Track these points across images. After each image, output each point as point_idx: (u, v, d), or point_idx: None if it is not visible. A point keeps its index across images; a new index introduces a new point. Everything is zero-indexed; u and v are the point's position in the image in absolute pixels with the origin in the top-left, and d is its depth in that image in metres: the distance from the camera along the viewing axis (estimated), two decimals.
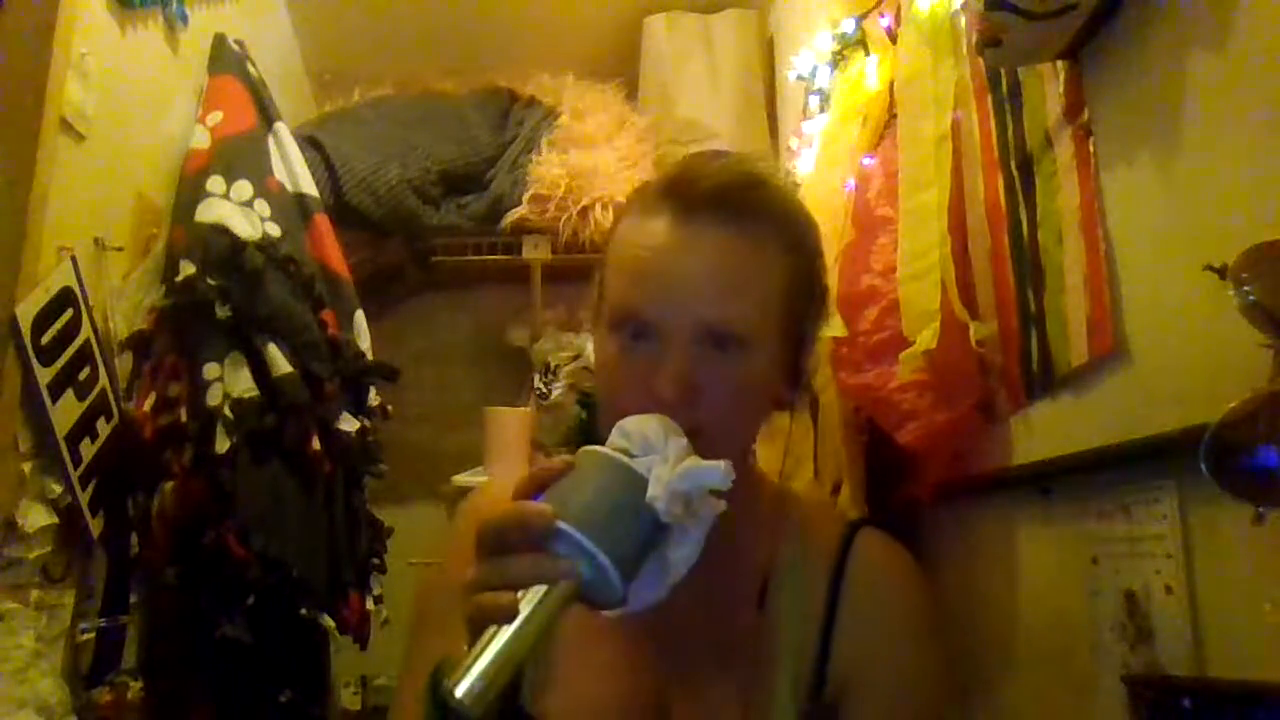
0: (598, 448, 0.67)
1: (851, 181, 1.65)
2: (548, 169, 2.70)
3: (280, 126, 2.24)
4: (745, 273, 0.78)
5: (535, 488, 0.66)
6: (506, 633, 0.58)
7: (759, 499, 0.90)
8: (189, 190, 1.96)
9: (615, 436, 0.69)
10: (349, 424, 2.05)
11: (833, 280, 1.50)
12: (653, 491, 0.63)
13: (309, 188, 2.26)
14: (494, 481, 0.99)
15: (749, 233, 0.79)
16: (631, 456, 0.66)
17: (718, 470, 0.65)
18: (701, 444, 0.70)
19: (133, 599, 1.72)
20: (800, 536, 0.89)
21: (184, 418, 1.78)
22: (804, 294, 0.83)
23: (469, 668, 0.58)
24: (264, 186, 2.06)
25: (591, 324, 0.90)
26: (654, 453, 0.66)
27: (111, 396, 1.66)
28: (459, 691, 0.56)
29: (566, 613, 0.62)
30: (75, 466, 1.54)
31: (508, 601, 0.59)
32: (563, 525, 0.61)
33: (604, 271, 0.84)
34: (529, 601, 0.60)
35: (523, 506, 0.64)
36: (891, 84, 1.59)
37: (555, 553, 0.62)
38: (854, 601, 0.86)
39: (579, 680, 0.83)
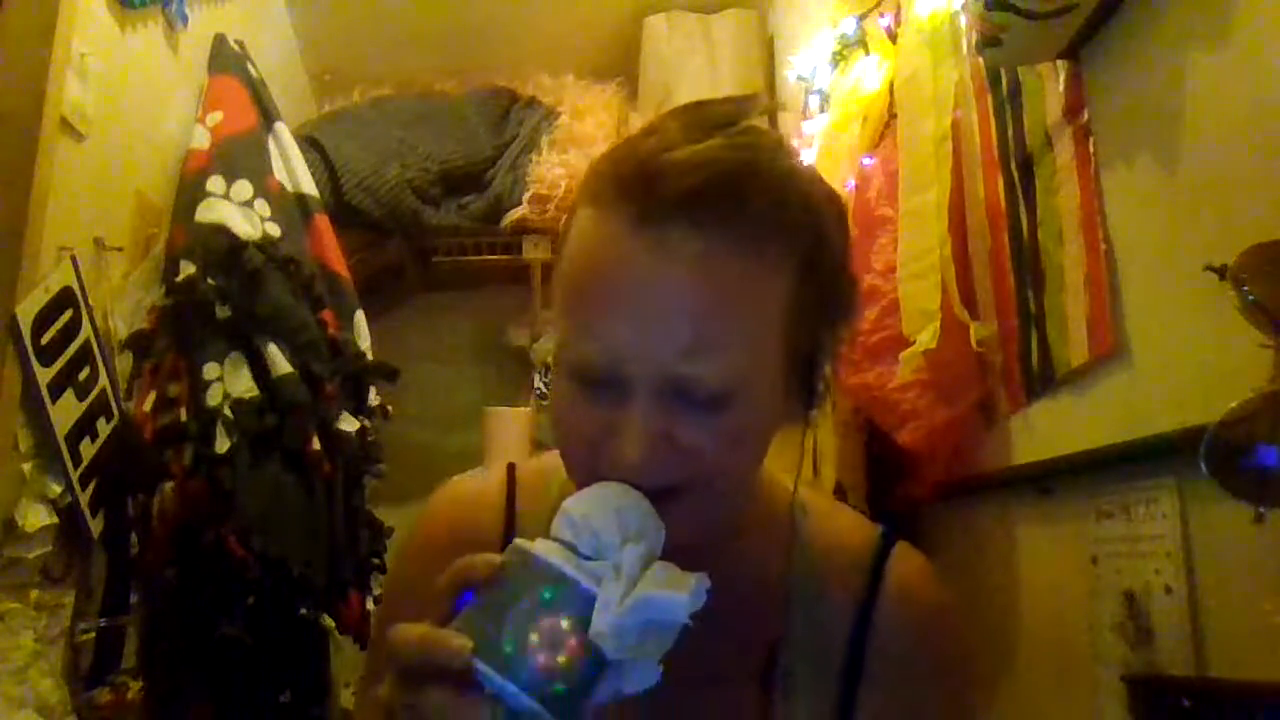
0: (532, 549, 0.53)
1: (851, 181, 1.66)
2: (548, 169, 2.71)
3: (280, 126, 2.24)
4: (729, 303, 0.59)
5: (461, 585, 0.54)
6: None
7: (768, 530, 0.73)
8: (189, 190, 1.96)
9: (561, 526, 0.55)
10: (349, 424, 2.05)
11: None
12: (597, 625, 0.51)
13: (309, 188, 2.26)
14: (461, 481, 0.82)
15: (734, 243, 0.59)
16: (580, 556, 0.53)
17: (683, 602, 0.52)
18: (689, 502, 0.59)
19: (133, 599, 1.72)
20: (817, 565, 0.73)
21: (184, 418, 1.78)
22: (819, 295, 0.64)
23: None
24: (264, 186, 2.05)
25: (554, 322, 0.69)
26: (606, 554, 0.53)
27: (111, 396, 1.66)
28: None
29: None
30: (75, 466, 1.54)
31: None
32: (480, 665, 0.50)
33: (556, 277, 0.66)
34: None
35: (435, 637, 0.52)
36: (891, 84, 1.59)
37: (473, 695, 0.51)
38: (885, 656, 0.70)
39: None
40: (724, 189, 0.59)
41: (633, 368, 0.59)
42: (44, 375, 1.49)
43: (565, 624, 0.51)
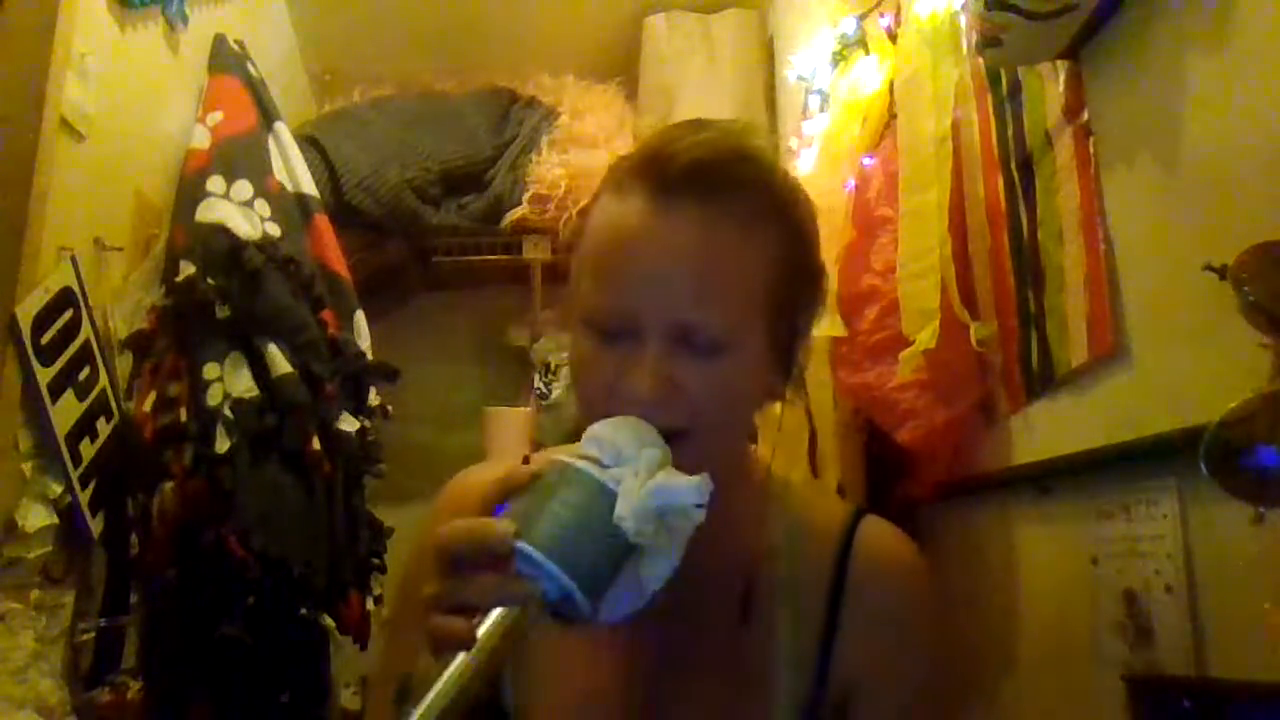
0: (565, 457, 0.63)
1: (851, 181, 1.66)
2: (548, 169, 2.70)
3: (280, 126, 2.24)
4: (726, 264, 0.70)
5: (500, 497, 0.62)
6: (461, 662, 0.56)
7: (751, 491, 0.83)
8: (189, 190, 1.96)
9: (586, 443, 0.64)
10: (349, 424, 2.05)
11: (833, 280, 1.50)
12: (620, 510, 0.59)
13: (309, 188, 2.26)
14: (473, 470, 0.92)
15: (730, 216, 0.70)
16: (603, 466, 0.62)
17: (694, 486, 0.61)
18: (688, 446, 0.67)
19: (133, 599, 1.72)
20: (795, 529, 0.83)
21: (184, 418, 1.78)
22: (795, 278, 0.75)
23: (424, 701, 0.55)
24: (264, 186, 2.05)
25: (564, 315, 0.85)
26: (626, 463, 0.62)
27: (111, 396, 1.66)
28: None
29: (534, 629, 0.59)
30: (75, 466, 1.54)
31: (464, 629, 0.56)
32: (523, 546, 0.58)
33: (577, 257, 0.77)
34: (488, 626, 0.57)
35: (482, 524, 0.60)
36: (891, 84, 1.59)
37: (517, 572, 0.58)
38: (858, 604, 0.79)
39: (563, 682, 0.79)
40: (721, 167, 0.71)
41: (646, 314, 0.69)
42: (44, 375, 1.49)
43: (595, 515, 0.59)
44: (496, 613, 0.57)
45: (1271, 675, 0.78)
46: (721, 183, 0.71)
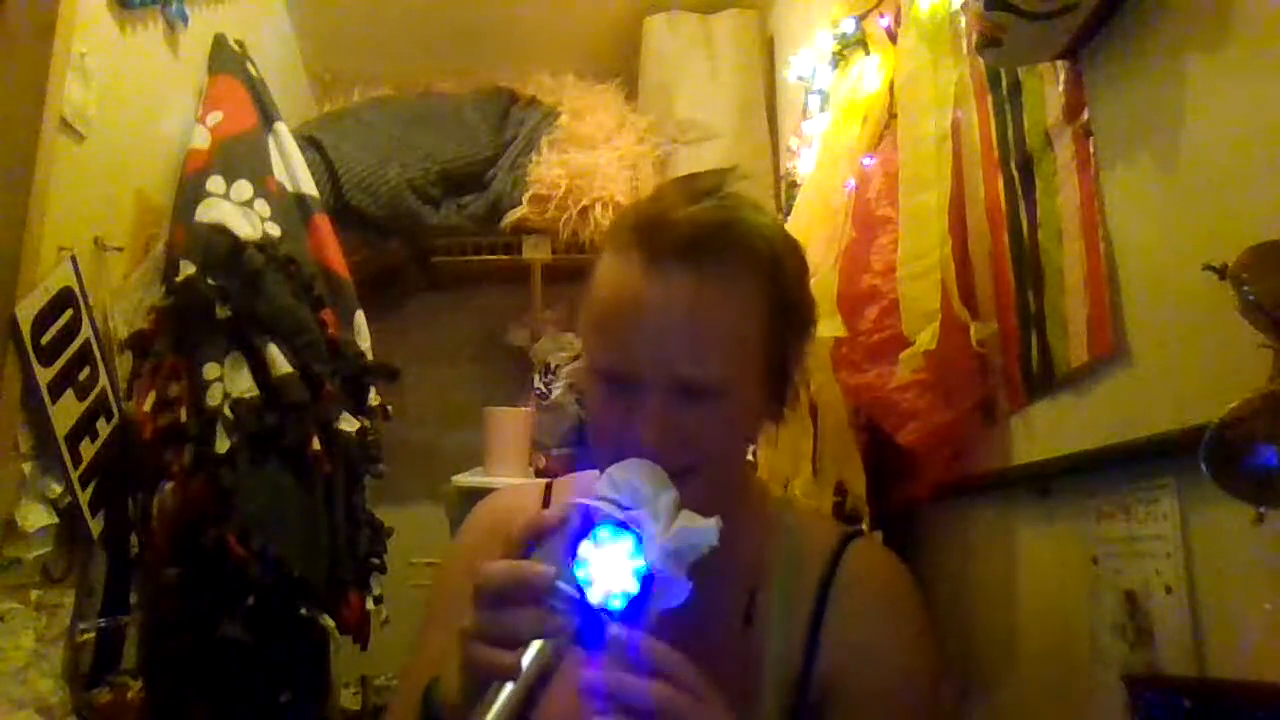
0: (588, 501, 0.70)
1: (851, 181, 1.65)
2: (548, 169, 2.70)
3: (280, 126, 2.24)
4: (718, 322, 0.78)
5: (535, 536, 0.69)
6: (509, 690, 0.63)
7: (753, 511, 0.91)
8: (189, 190, 1.96)
9: (604, 486, 0.71)
10: (349, 424, 2.05)
11: (833, 280, 1.50)
12: (649, 555, 0.67)
13: (309, 188, 2.26)
14: (499, 497, 1.02)
15: (721, 279, 0.78)
16: (623, 509, 0.69)
17: (711, 531, 0.69)
18: (695, 480, 0.74)
19: (133, 599, 1.72)
20: (792, 547, 0.90)
21: (184, 418, 1.78)
22: (785, 320, 0.83)
23: None
24: (264, 186, 2.05)
25: (582, 341, 0.93)
26: (643, 505, 0.69)
27: (111, 396, 1.66)
28: None
29: (561, 660, 0.66)
30: (75, 466, 1.54)
31: (510, 660, 0.63)
32: (561, 585, 0.66)
33: (585, 305, 0.85)
34: (530, 656, 0.64)
35: (521, 567, 0.67)
36: (891, 84, 1.59)
37: (552, 608, 0.66)
38: (841, 606, 0.87)
39: (565, 689, 0.82)
40: (711, 239, 0.79)
41: (645, 372, 0.77)
42: (44, 375, 1.49)
43: (619, 554, 0.67)
44: (536, 644, 0.65)
45: (1271, 675, 0.78)
46: (712, 248, 0.78)
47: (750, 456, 0.98)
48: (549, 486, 0.99)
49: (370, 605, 2.10)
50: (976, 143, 1.39)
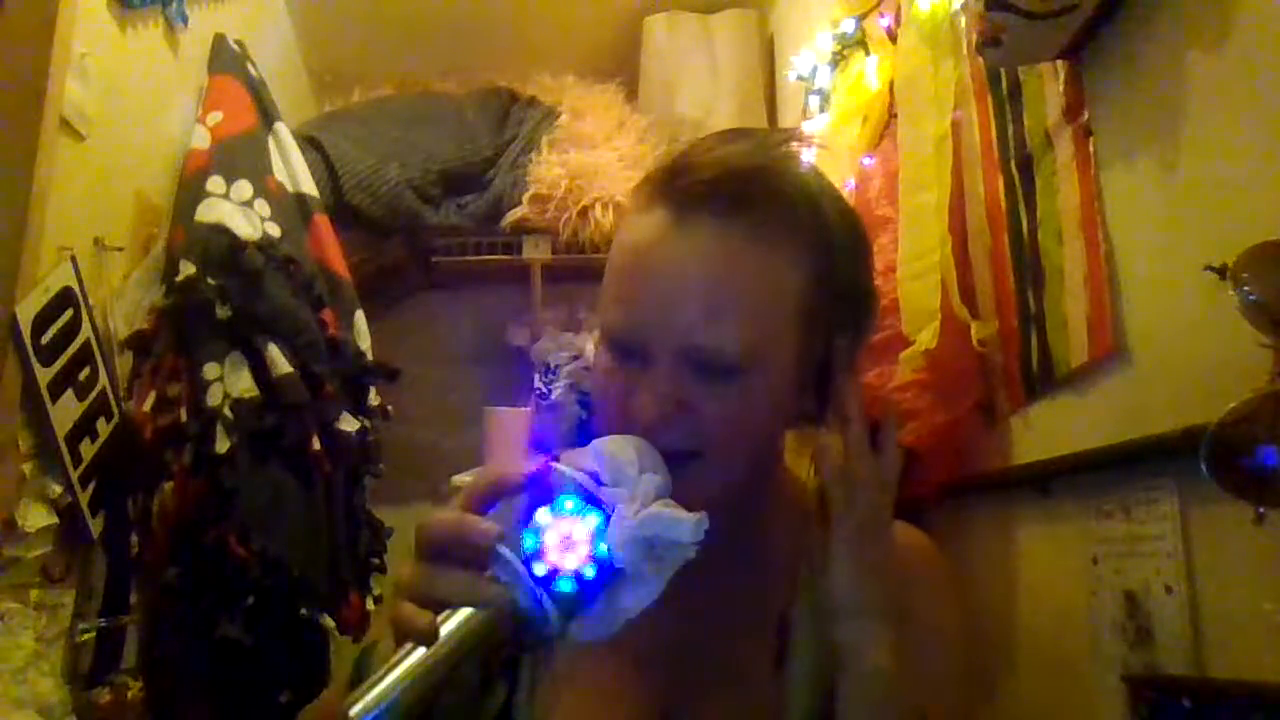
0: (564, 468, 0.60)
1: (851, 181, 1.65)
2: (548, 169, 2.70)
3: (280, 126, 2.24)
4: (745, 283, 0.66)
5: (493, 496, 0.59)
6: (416, 657, 0.53)
7: (784, 517, 0.79)
8: (189, 190, 1.96)
9: (589, 457, 0.62)
10: (349, 424, 2.05)
11: None
12: (610, 535, 0.57)
13: (309, 188, 2.26)
14: (493, 467, 0.90)
15: (752, 233, 0.66)
16: (598, 484, 0.59)
17: (689, 524, 0.58)
18: (699, 468, 0.65)
19: (133, 599, 1.72)
20: None
21: (184, 418, 1.78)
22: (832, 296, 0.70)
23: (371, 688, 0.53)
24: (264, 186, 2.05)
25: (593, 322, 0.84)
26: (624, 484, 0.59)
27: (111, 396, 1.66)
28: (353, 712, 0.52)
29: (494, 639, 0.56)
30: (75, 466, 1.54)
31: (426, 624, 0.54)
32: (503, 550, 0.55)
33: (607, 265, 0.75)
34: (451, 625, 0.54)
35: (465, 519, 0.57)
36: (891, 84, 1.59)
37: (491, 576, 0.55)
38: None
39: (581, 700, 0.75)
40: (745, 181, 0.67)
41: (655, 336, 0.67)
42: (44, 375, 1.49)
43: (580, 531, 0.57)
44: (463, 613, 0.55)
45: (1271, 675, 0.78)
46: (743, 198, 0.67)
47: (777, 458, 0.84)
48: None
49: (370, 605, 2.09)
50: (976, 143, 1.39)
